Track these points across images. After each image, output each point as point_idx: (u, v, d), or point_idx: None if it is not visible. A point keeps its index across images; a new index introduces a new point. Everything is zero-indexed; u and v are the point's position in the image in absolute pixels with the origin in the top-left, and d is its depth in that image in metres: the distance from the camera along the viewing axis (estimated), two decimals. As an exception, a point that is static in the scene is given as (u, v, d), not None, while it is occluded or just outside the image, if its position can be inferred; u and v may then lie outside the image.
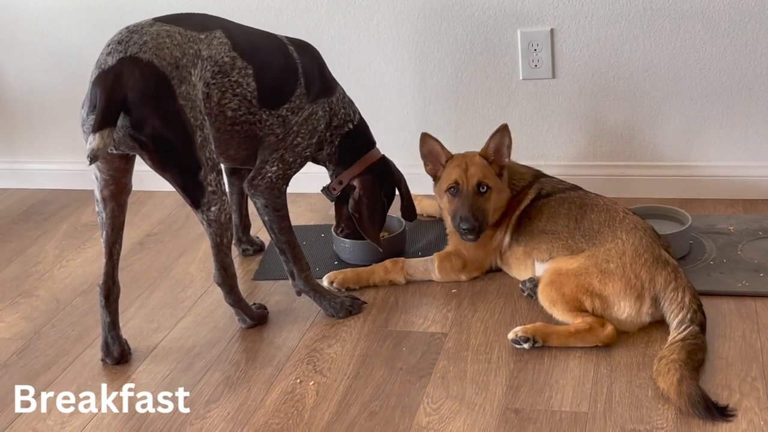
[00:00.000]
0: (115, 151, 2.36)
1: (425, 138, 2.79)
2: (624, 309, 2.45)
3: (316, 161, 2.86)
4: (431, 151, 2.80)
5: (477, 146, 3.30)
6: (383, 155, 2.88)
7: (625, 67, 3.16)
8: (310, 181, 3.05)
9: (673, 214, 2.94)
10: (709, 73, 3.10)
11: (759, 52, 3.05)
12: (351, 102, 2.83)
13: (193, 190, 2.40)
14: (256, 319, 2.70)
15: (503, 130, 2.75)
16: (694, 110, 3.17)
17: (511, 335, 2.47)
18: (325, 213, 3.41)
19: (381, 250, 2.87)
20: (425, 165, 2.83)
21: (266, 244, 3.19)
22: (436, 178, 2.82)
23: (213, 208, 2.43)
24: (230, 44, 2.48)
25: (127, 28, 2.38)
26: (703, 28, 3.07)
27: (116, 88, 2.26)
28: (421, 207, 3.23)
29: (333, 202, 2.94)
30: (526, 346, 2.45)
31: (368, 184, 2.83)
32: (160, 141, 2.32)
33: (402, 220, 3.08)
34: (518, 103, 3.30)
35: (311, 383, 2.41)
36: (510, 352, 2.47)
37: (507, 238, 2.78)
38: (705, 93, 3.13)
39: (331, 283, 2.83)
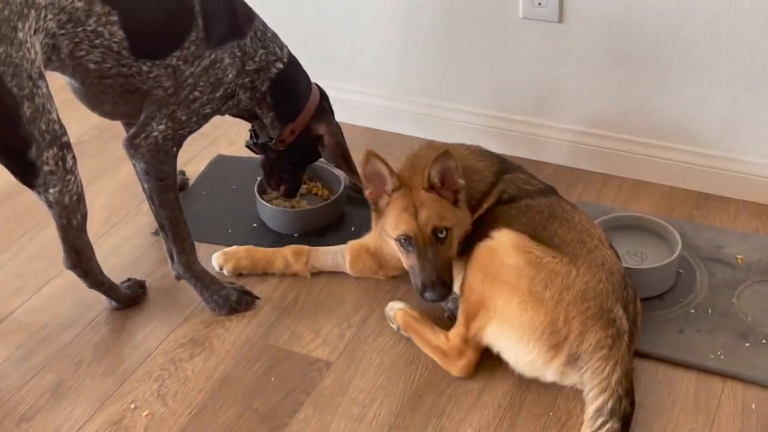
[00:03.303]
0: None
1: (370, 157, 2.09)
2: (530, 352, 1.92)
3: (240, 116, 2.35)
4: (376, 173, 2.12)
5: (466, 90, 2.76)
6: (317, 84, 2.41)
7: (653, 21, 2.45)
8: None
9: (663, 232, 2.32)
10: (764, 46, 2.36)
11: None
12: (275, 36, 2.27)
13: (22, 170, 1.94)
14: (124, 302, 2.29)
15: (444, 157, 2.04)
16: (735, 89, 2.45)
17: (389, 309, 2.20)
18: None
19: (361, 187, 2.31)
20: (365, 188, 2.15)
21: (189, 182, 2.73)
22: (376, 207, 2.16)
23: (52, 190, 1.97)
24: None
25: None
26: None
27: None
28: None
29: (265, 157, 2.44)
30: (394, 326, 2.18)
31: (334, 124, 2.39)
32: (-27, 117, 1.84)
33: (341, 178, 2.57)
34: (517, 46, 2.65)
35: (145, 414, 2.01)
36: (390, 412, 2.00)
37: None
38: (752, 70, 2.40)
39: (221, 267, 2.36)
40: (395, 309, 2.17)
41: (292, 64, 2.30)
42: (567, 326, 1.89)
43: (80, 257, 2.13)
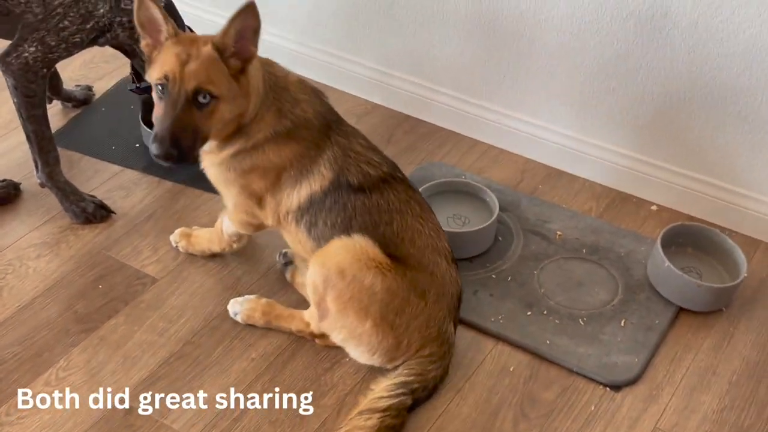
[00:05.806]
0: None
1: (143, 2, 1.94)
2: (374, 360, 2.12)
3: (119, 49, 2.55)
4: (150, 20, 1.95)
5: (361, 45, 2.94)
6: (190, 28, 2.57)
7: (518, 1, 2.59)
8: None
9: (487, 199, 2.50)
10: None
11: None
12: None
13: None
14: (-7, 200, 2.54)
15: (248, 9, 1.90)
16: (583, 76, 2.59)
17: (232, 314, 2.26)
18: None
19: None
20: (142, 38, 1.99)
21: (95, 97, 2.97)
22: (150, 59, 2.00)
23: None
24: None
25: None
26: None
27: None
28: None
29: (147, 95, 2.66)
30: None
31: None
32: None
33: None
34: (398, 8, 2.80)
35: (-20, 301, 2.28)
36: (191, 330, 2.24)
37: (291, 203, 2.14)
38: (595, 66, 2.54)
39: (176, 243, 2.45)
40: (238, 314, 2.25)
41: (168, 7, 2.48)
42: (409, 346, 2.08)
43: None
